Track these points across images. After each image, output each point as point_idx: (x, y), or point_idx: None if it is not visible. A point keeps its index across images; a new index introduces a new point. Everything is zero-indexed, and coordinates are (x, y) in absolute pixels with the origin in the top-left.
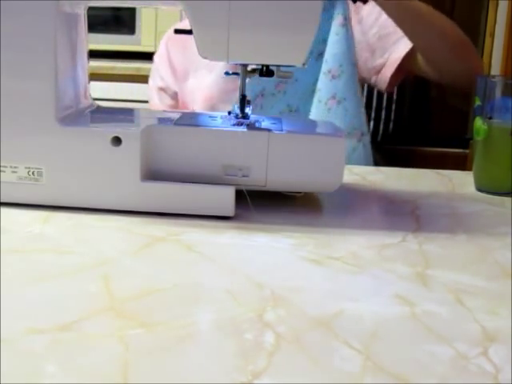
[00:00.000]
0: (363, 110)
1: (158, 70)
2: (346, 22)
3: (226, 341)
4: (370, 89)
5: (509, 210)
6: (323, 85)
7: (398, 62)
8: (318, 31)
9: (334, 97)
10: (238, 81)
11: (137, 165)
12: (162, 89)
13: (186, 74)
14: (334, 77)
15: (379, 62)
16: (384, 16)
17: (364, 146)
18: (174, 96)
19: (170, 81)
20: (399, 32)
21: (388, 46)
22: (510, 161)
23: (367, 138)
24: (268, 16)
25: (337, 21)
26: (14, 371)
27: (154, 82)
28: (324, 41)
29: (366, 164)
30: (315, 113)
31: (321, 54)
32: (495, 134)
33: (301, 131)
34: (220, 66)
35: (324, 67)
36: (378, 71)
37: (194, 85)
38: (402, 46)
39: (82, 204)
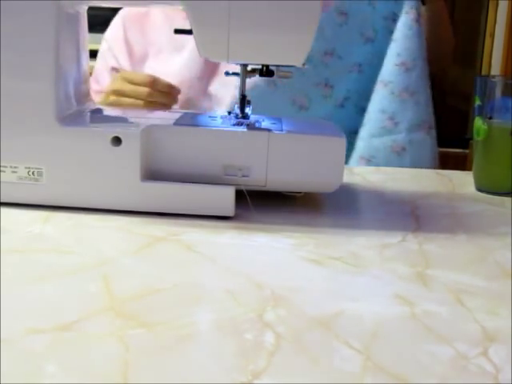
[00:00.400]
0: (431, 103)
1: (111, 49)
2: (419, 18)
3: (226, 341)
4: None
5: (509, 210)
6: (395, 77)
7: None
8: (369, 19)
9: (407, 89)
10: (217, 63)
11: (137, 165)
12: (115, 69)
13: (145, 56)
14: (407, 70)
15: None
16: None
17: (431, 139)
18: None
19: (125, 63)
20: None
21: None
22: (510, 161)
23: (434, 132)
24: (268, 16)
25: (410, 15)
26: (13, 371)
27: (106, 61)
28: (374, 29)
29: (432, 157)
30: (387, 104)
31: (370, 40)
32: (495, 134)
33: (301, 131)
34: (191, 46)
35: (396, 60)
36: None
37: (158, 69)
38: None
39: (82, 204)
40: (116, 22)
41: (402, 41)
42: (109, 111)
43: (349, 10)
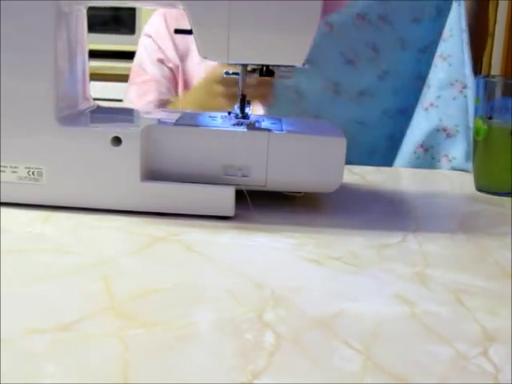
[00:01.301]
0: (469, 66)
1: (155, 42)
2: None
3: (226, 341)
4: None
5: (509, 210)
6: (435, 47)
7: None
8: None
9: (441, 55)
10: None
11: (137, 165)
12: (161, 60)
13: (188, 52)
14: (444, 39)
15: None
16: None
17: (465, 98)
18: (175, 69)
19: (172, 54)
20: None
21: None
22: (510, 161)
23: (470, 92)
24: (268, 16)
25: None
26: (13, 371)
27: (151, 55)
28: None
29: (464, 115)
30: (424, 70)
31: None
32: (495, 134)
33: (301, 131)
34: None
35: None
36: None
37: (196, 66)
38: None
39: (81, 204)
40: (156, 18)
41: (449, 15)
42: (109, 111)
43: None
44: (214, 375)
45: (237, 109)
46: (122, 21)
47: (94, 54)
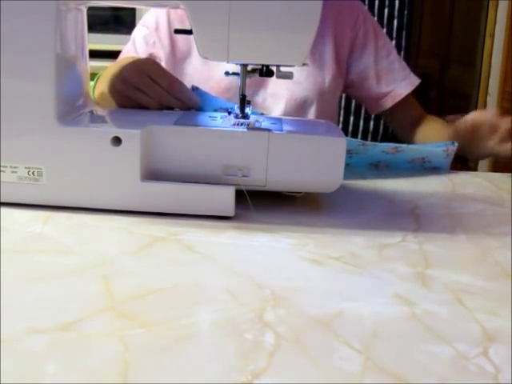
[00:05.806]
0: None
1: (150, 36)
2: None
3: (226, 341)
4: None
5: (509, 210)
6: None
7: (400, 97)
8: None
9: None
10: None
11: (137, 165)
12: (152, 56)
13: (188, 53)
14: None
15: (383, 90)
16: (394, 54)
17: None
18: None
19: (165, 58)
20: (404, 71)
21: (394, 80)
22: None
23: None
24: (268, 16)
25: None
26: (13, 371)
27: (145, 46)
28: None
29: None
30: None
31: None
32: None
33: (301, 131)
34: None
35: None
36: (379, 98)
37: (202, 70)
38: (407, 85)
39: (81, 204)
40: (160, 15)
41: None
42: (109, 111)
43: None
44: (214, 375)
45: (237, 109)
46: (122, 21)
47: (94, 54)
